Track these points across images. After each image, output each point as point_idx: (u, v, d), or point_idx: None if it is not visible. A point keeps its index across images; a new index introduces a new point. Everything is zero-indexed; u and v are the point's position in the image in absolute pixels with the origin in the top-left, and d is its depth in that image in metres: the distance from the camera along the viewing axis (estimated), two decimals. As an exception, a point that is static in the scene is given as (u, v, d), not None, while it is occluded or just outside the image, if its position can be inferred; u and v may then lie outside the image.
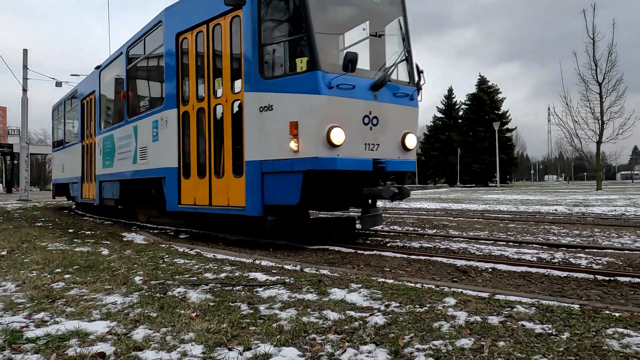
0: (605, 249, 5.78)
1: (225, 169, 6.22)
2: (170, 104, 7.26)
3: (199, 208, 6.69)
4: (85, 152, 11.87)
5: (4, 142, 50.36)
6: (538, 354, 2.10)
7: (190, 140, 6.86)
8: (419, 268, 4.63)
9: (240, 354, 2.16)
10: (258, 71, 5.78)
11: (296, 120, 5.39)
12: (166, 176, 7.29)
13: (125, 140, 9.02)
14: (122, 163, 9.13)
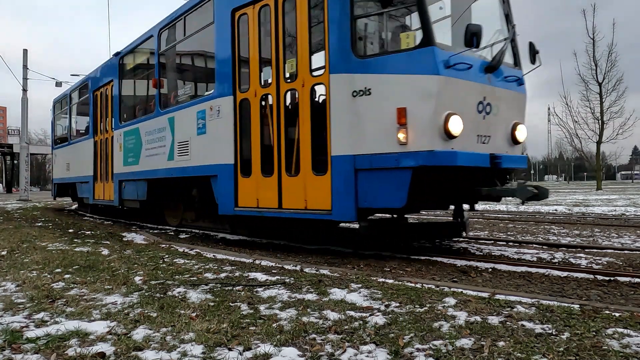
0: (605, 249, 5.78)
1: (302, 166, 5.31)
2: (224, 90, 6.26)
3: (264, 211, 5.71)
4: (99, 148, 10.83)
5: (4, 142, 50.36)
6: (538, 354, 2.10)
7: (252, 133, 5.90)
8: (419, 268, 4.63)
9: (240, 354, 2.16)
10: (350, 49, 4.90)
11: (404, 107, 4.58)
12: (218, 174, 6.35)
13: (157, 134, 8.01)
14: (152, 160, 8.14)
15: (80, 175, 12.07)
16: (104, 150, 10.44)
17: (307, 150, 5.30)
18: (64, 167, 13.66)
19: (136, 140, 8.77)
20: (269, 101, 5.76)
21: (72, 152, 12.92)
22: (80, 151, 12.04)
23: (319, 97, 5.43)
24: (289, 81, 5.55)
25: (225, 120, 6.23)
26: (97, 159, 10.91)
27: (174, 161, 7.47)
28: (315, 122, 5.24)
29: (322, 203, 5.08)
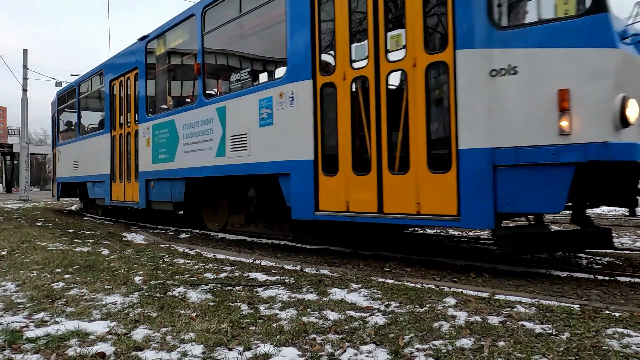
0: (605, 249, 5.78)
1: (412, 161, 4.44)
2: (300, 73, 5.35)
3: (357, 216, 4.85)
4: (117, 144, 9.69)
5: (4, 142, 50.38)
6: (538, 354, 2.10)
7: (339, 123, 5.01)
8: (419, 268, 4.63)
9: (240, 354, 2.16)
10: (487, 17, 4.03)
11: (567, 88, 3.77)
12: (290, 172, 5.44)
13: (200, 127, 7.03)
14: (193, 156, 7.17)
15: (93, 174, 10.85)
16: (125, 147, 9.36)
17: (419, 143, 4.41)
18: (71, 165, 12.36)
19: (170, 134, 7.76)
20: (363, 85, 4.87)
21: (82, 148, 11.63)
22: (93, 148, 10.83)
23: (437, 79, 4.50)
24: (392, 60, 4.64)
25: (301, 109, 5.32)
26: (115, 156, 9.79)
27: (226, 157, 6.52)
28: (433, 109, 4.42)
29: (444, 207, 4.23)
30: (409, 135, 4.49)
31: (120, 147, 9.60)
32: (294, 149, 5.42)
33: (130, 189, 9.09)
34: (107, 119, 10.14)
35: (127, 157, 9.26)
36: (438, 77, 4.48)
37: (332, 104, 5.13)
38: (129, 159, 9.20)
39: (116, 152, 9.76)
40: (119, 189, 9.63)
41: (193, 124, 7.22)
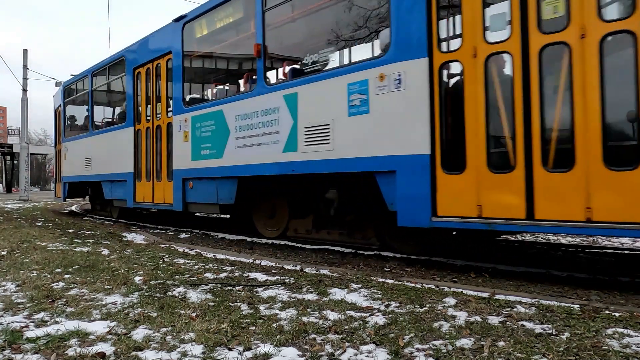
0: (605, 249, 5.78)
1: (579, 154, 3.61)
2: (410, 50, 4.46)
3: (497, 224, 4.00)
4: (144, 139, 8.54)
5: (4, 142, 50.39)
6: (538, 354, 2.10)
7: (466, 109, 4.14)
8: (419, 268, 4.63)
9: (240, 354, 2.16)
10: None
11: None
12: (397, 169, 4.57)
13: (260, 117, 6.02)
14: (250, 152, 6.16)
15: (110, 172, 9.69)
16: (153, 142, 8.27)
17: (594, 133, 3.56)
18: (81, 163, 11.14)
19: (217, 126, 6.69)
20: (502, 63, 4.12)
21: (96, 145, 10.46)
22: (111, 144, 9.69)
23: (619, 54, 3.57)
24: (548, 31, 3.78)
25: (411, 94, 4.48)
26: (141, 153, 8.64)
27: (298, 153, 5.56)
28: (611, 86, 3.53)
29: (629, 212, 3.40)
30: (575, 125, 3.64)
31: (148, 142, 8.45)
32: (401, 141, 4.55)
33: (161, 189, 8.01)
34: (129, 111, 8.93)
35: (157, 154, 8.17)
36: (620, 51, 3.57)
37: (455, 86, 4.41)
38: (158, 156, 8.15)
39: (141, 148, 8.61)
40: (145, 189, 8.51)
41: (250, 114, 6.18)
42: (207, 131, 6.96)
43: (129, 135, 8.97)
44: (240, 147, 6.34)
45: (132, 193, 8.86)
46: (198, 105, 7.31)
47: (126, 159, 8.99)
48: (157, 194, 8.16)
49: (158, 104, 8.32)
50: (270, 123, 5.91)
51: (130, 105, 9.00)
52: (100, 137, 10.34)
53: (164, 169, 8.03)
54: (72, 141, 11.89)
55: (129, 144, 8.93)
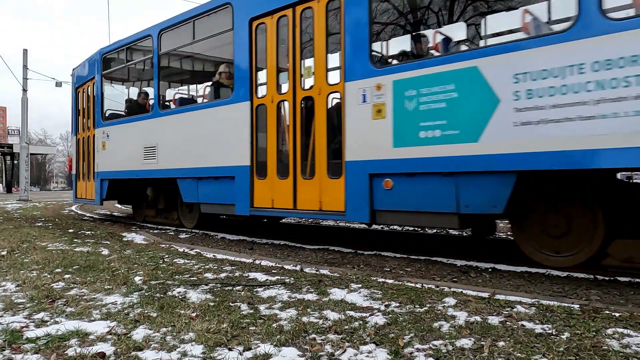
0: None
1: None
2: None
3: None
4: (271, 118, 6.15)
5: (4, 142, 50.40)
6: (538, 354, 2.10)
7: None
8: (419, 268, 4.63)
9: (240, 354, 2.16)
10: None
11: None
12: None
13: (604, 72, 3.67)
14: (569, 128, 3.86)
15: (198, 165, 7.18)
16: (296, 121, 5.87)
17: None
18: (134, 153, 8.46)
19: (466, 93, 4.42)
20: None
21: (168, 128, 7.78)
22: (199, 126, 7.17)
23: None
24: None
25: None
26: (265, 137, 6.32)
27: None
28: None
29: None
30: None
31: (281, 122, 6.16)
32: None
33: (314, 189, 5.66)
34: (242, 81, 6.51)
35: (303, 138, 5.81)
36: None
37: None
38: (308, 141, 5.78)
39: (266, 131, 6.29)
40: (273, 189, 6.11)
41: (570, 68, 3.85)
42: (440, 101, 4.66)
43: (241, 115, 6.44)
44: (532, 124, 4.07)
45: (249, 195, 6.34)
46: (419, 62, 4.84)
47: (234, 148, 6.55)
48: (306, 196, 5.77)
49: (307, 65, 6.02)
50: None
51: (245, 72, 6.45)
52: (175, 119, 7.69)
53: (321, 161, 5.59)
54: (118, 125, 9.07)
55: (240, 126, 6.45)
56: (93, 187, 9.81)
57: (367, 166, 5.15)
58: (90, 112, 9.96)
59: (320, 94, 5.62)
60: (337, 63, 5.97)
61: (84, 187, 10.39)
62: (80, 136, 10.56)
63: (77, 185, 10.79)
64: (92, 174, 9.92)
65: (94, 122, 9.75)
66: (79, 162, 10.69)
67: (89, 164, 10.08)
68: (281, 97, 6.08)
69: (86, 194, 10.35)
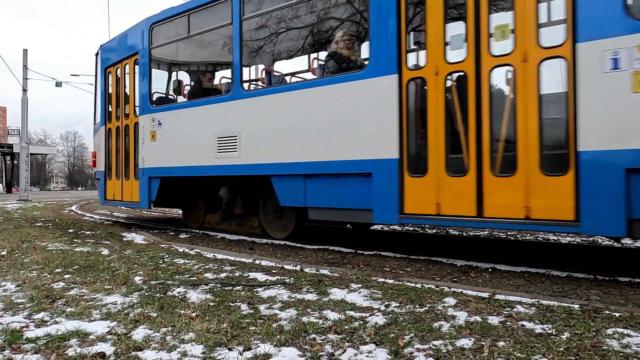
0: (605, 249, 5.78)
1: None
2: None
3: None
4: (437, 98, 4.68)
5: (4, 142, 50.38)
6: (538, 354, 2.10)
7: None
8: (419, 268, 4.63)
9: (240, 354, 2.16)
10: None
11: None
12: None
13: None
14: None
15: (316, 159, 5.58)
16: (483, 99, 4.42)
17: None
18: (205, 145, 6.79)
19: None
20: None
21: (265, 111, 6.10)
22: (311, 108, 5.62)
23: None
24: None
25: None
26: (426, 122, 4.78)
27: None
28: None
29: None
30: None
31: (452, 100, 4.66)
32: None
33: (512, 190, 4.25)
34: (382, 49, 4.95)
35: (493, 122, 4.41)
36: None
37: None
38: (497, 125, 4.42)
39: (424, 113, 4.84)
40: (442, 188, 4.67)
41: None
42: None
43: (380, 92, 4.98)
44: None
45: (397, 196, 4.88)
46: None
47: (369, 136, 5.08)
48: (501, 199, 4.32)
49: (500, 24, 4.48)
50: None
51: (387, 38, 4.90)
52: (267, 101, 6.10)
53: (529, 151, 4.17)
54: (174, 111, 7.41)
55: (380, 107, 4.99)
56: (133, 186, 7.88)
57: (622, 158, 3.82)
58: (130, 96, 8.08)
59: (526, 60, 4.19)
60: (556, 16, 4.76)
61: (118, 187, 8.29)
62: (112, 125, 8.61)
63: (107, 185, 8.70)
64: (132, 171, 8.05)
65: (138, 107, 7.89)
66: (109, 157, 8.71)
67: (127, 158, 8.22)
68: (453, 68, 4.59)
69: (122, 195, 8.20)
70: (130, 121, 8.16)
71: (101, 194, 9.09)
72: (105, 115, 8.91)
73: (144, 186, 7.59)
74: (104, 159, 8.87)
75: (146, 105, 7.69)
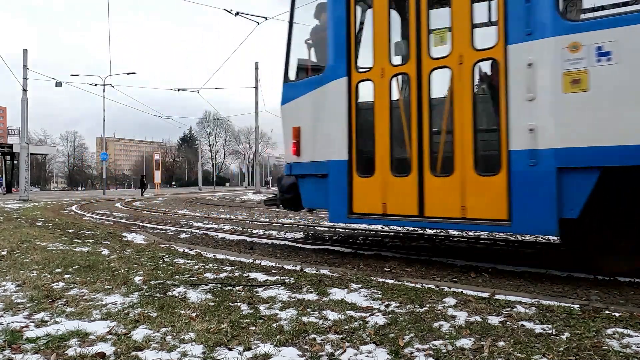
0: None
1: None
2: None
3: None
4: None
5: (4, 142, 50.37)
6: (538, 354, 2.10)
7: None
8: (418, 268, 4.63)
9: (240, 354, 2.16)
10: None
11: None
12: None
13: None
14: None
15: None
16: None
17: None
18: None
19: None
20: None
21: None
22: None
23: None
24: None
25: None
26: None
27: None
28: None
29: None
30: None
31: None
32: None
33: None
34: None
35: None
36: None
37: None
38: None
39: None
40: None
41: None
42: None
43: None
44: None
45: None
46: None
47: None
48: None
49: None
50: None
51: None
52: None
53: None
54: None
55: None
56: (469, 188, 4.24)
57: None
58: (423, 24, 4.55)
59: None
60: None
61: (397, 191, 4.69)
62: (372, 75, 4.89)
63: (358, 186, 4.95)
64: (464, 158, 4.27)
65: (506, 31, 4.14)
66: (363, 134, 5.00)
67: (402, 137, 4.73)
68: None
69: (400, 205, 4.67)
70: (428, 66, 4.52)
71: (338, 202, 5.08)
72: (348, 60, 5.03)
73: (538, 187, 3.90)
74: (341, 137, 5.04)
75: (544, 20, 3.90)
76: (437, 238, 6.90)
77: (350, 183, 4.99)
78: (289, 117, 5.82)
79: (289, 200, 6.08)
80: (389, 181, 4.73)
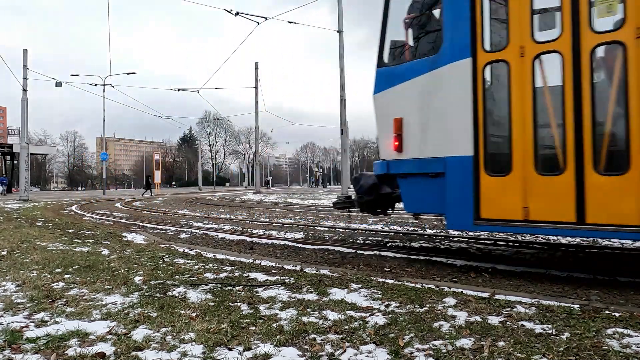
0: (605, 249, 5.78)
1: None
2: None
3: None
4: None
5: (4, 142, 50.36)
6: (538, 354, 2.10)
7: None
8: (419, 268, 4.63)
9: (240, 354, 2.16)
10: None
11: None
12: None
13: None
14: None
15: None
16: None
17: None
18: None
19: None
20: None
21: None
22: None
23: None
24: None
25: None
26: None
27: None
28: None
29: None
30: None
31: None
32: None
33: None
34: None
35: None
36: None
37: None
38: None
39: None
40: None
41: None
42: None
43: None
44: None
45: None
46: None
47: None
48: None
49: None
50: None
51: None
52: None
53: None
54: None
55: None
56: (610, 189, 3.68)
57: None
58: None
59: None
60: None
61: (536, 192, 3.98)
62: (501, 57, 4.18)
63: (487, 187, 4.22)
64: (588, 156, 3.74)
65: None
66: (489, 128, 4.32)
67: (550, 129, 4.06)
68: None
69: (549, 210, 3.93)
70: (590, 42, 3.76)
71: (461, 206, 4.38)
72: (474, 36, 4.30)
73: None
74: (463, 130, 4.36)
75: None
76: (437, 238, 6.90)
77: (476, 183, 4.17)
78: (386, 107, 4.95)
79: (369, 202, 5.52)
80: (532, 180, 3.90)
